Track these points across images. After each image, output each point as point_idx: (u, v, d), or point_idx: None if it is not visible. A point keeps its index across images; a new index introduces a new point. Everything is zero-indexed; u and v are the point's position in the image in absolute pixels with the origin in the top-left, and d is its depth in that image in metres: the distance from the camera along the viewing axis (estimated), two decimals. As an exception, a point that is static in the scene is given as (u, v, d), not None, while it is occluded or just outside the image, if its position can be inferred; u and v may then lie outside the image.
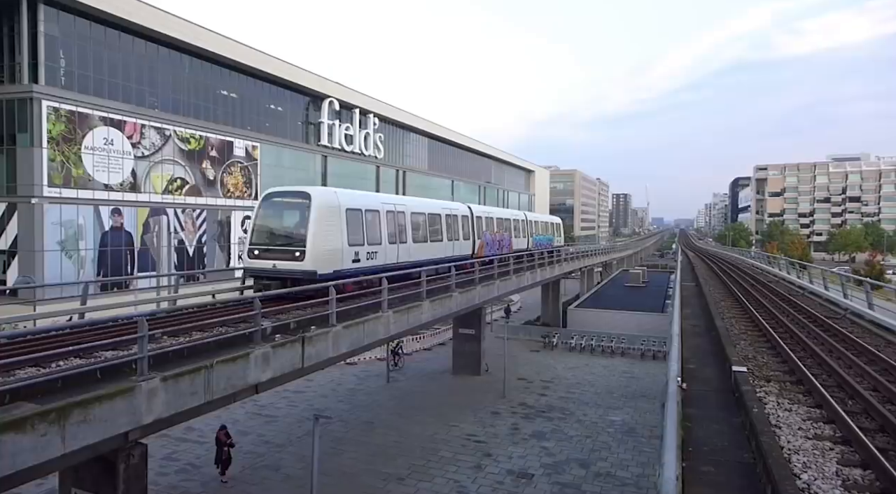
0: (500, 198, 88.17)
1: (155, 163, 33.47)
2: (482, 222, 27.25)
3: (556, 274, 38.93)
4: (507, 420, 22.68)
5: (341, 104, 49.24)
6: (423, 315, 17.89)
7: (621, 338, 36.89)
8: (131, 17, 31.53)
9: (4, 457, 6.67)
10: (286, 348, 11.80)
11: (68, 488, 9.57)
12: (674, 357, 9.74)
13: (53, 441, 7.26)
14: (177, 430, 18.63)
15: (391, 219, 19.01)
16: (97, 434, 7.93)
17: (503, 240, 29.91)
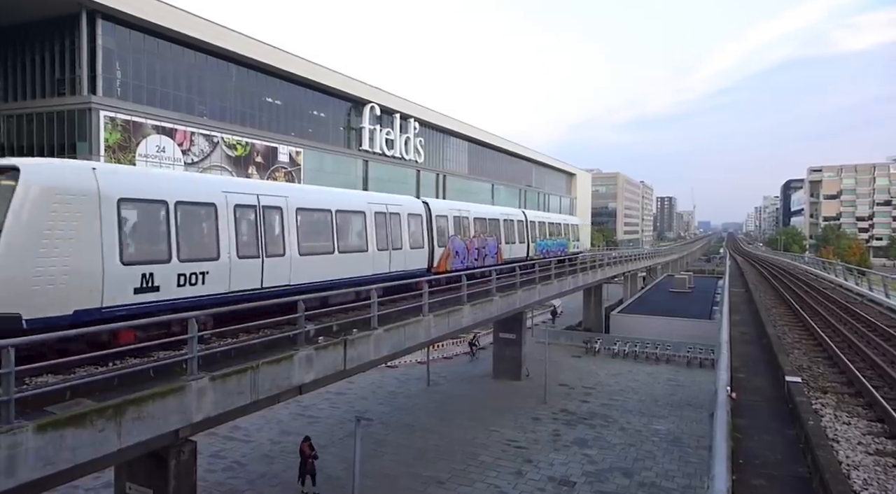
0: (540, 202, 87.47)
1: (203, 169, 34.58)
2: (446, 223, 20.56)
3: (598, 278, 38.29)
4: (549, 426, 22.41)
5: (382, 109, 49.82)
6: (463, 318, 17.87)
7: (666, 345, 35.96)
8: (182, 29, 32.73)
9: (66, 451, 6.99)
10: (329, 350, 11.97)
11: (123, 482, 9.94)
12: (723, 365, 9.45)
13: (110, 437, 7.56)
14: (224, 429, 19.16)
15: (246, 218, 12.16)
16: (150, 431, 8.21)
17: (485, 246, 23.44)
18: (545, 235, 30.99)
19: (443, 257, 20.00)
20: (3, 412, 6.49)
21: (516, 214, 27.99)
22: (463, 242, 21.64)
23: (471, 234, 22.36)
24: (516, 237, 26.99)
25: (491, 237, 24.19)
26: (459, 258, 21.14)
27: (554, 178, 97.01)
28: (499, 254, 24.82)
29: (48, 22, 29.65)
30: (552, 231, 32.40)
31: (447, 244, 20.37)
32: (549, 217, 33.72)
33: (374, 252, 16.19)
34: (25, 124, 31.04)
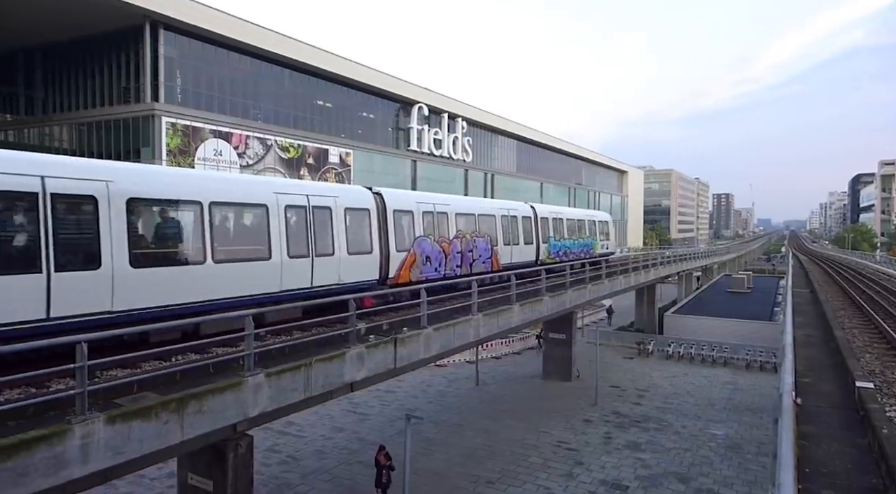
0: (590, 201, 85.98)
1: (258, 171, 35.65)
2: (411, 221, 16.36)
3: (651, 278, 37.30)
4: (600, 429, 21.99)
5: (430, 109, 50.09)
6: (512, 318, 17.75)
7: (723, 347, 34.67)
8: (238, 37, 33.84)
9: (134, 441, 7.34)
10: (379, 349, 12.12)
11: (185, 473, 10.35)
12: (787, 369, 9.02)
13: (174, 429, 7.89)
14: (278, 424, 19.67)
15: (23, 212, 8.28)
16: (210, 424, 8.52)
17: (473, 249, 19.26)
18: (562, 234, 26.36)
19: (404, 264, 15.66)
20: (78, 403, 6.86)
21: (520, 209, 23.22)
22: (437, 244, 17.30)
23: (450, 234, 18.08)
24: (521, 237, 22.63)
25: (483, 237, 19.88)
26: (432, 265, 16.88)
27: (604, 176, 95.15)
28: (494, 259, 20.36)
29: (115, 34, 31.22)
30: (572, 229, 27.58)
31: (411, 247, 16.04)
32: (567, 212, 28.46)
33: (282, 260, 11.88)
34: (95, 131, 32.82)
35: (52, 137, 35.43)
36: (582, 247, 28.55)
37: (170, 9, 30.13)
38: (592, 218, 31.17)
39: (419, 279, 15.99)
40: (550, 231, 25.11)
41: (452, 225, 18.35)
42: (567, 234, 26.87)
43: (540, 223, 24.27)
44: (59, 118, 34.54)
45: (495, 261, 20.53)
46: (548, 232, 24.87)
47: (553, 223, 25.53)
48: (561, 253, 25.98)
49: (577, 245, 27.99)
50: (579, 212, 30.64)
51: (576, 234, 27.93)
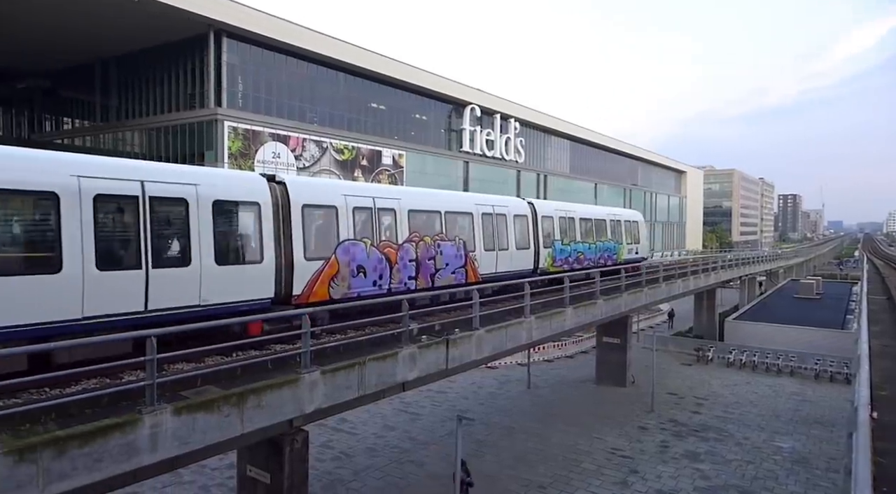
0: (646, 202, 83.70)
1: (314, 173, 36.53)
2: (328, 220, 12.87)
3: (710, 282, 35.98)
4: (656, 437, 21.35)
5: (482, 110, 50.01)
6: (566, 321, 17.51)
7: (790, 356, 33.00)
8: (296, 42, 34.76)
9: (197, 432, 7.65)
10: (431, 349, 12.19)
11: (244, 464, 10.72)
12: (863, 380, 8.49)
13: (234, 422, 8.18)
14: (332, 421, 20.10)
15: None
16: (268, 419, 8.79)
17: (437, 256, 15.46)
18: (573, 236, 22.51)
19: (320, 277, 12.24)
20: (147, 394, 7.21)
21: (511, 206, 19.20)
22: (378, 250, 13.68)
23: (399, 237, 14.34)
24: (511, 240, 18.69)
25: (452, 241, 16.01)
26: (367, 277, 13.37)
27: (661, 176, 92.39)
28: (469, 268, 16.60)
29: (182, 43, 32.66)
30: (587, 230, 23.65)
31: (332, 254, 12.58)
32: (581, 210, 24.32)
33: (86, 275, 8.49)
34: (163, 136, 34.46)
35: (125, 142, 37.43)
36: (601, 252, 24.61)
37: (232, 17, 31.29)
38: (616, 217, 26.99)
39: (346, 295, 12.67)
40: (556, 232, 21.38)
41: (403, 225, 14.44)
42: (581, 237, 23.02)
43: (541, 223, 20.44)
44: (131, 124, 36.46)
45: (471, 271, 16.63)
46: (552, 233, 21.14)
47: (560, 223, 21.67)
48: (571, 259, 22.21)
49: (595, 249, 24.15)
50: (599, 210, 26.71)
51: (592, 237, 24.07)
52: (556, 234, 21.38)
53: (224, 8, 30.82)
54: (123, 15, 28.87)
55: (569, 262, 22.05)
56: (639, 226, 29.15)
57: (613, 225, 26.23)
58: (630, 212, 30.04)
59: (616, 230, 26.42)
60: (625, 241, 27.07)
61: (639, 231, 28.99)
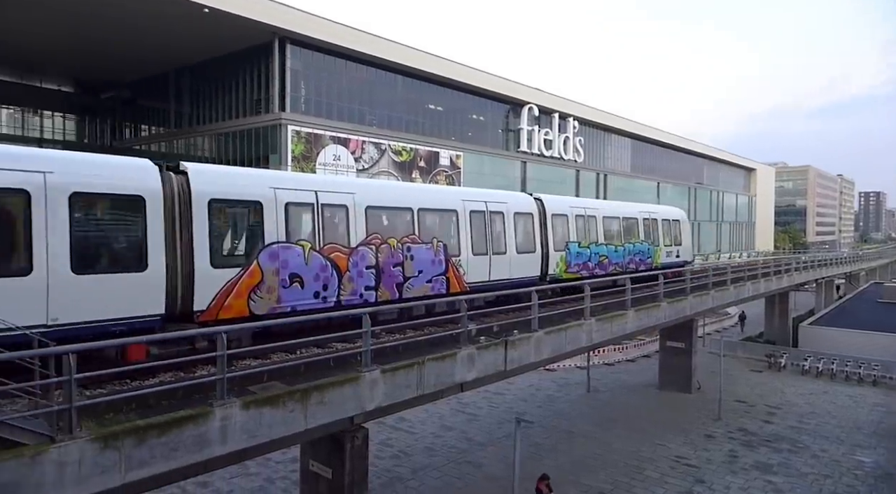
0: (713, 201, 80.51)
1: (373, 175, 37.18)
2: (248, 218, 11.00)
3: (783, 285, 34.15)
4: (724, 446, 20.44)
5: (540, 109, 49.49)
6: (627, 324, 17.05)
7: (873, 364, 30.86)
8: (356, 47, 35.49)
9: (264, 427, 7.92)
10: (490, 350, 12.15)
11: (307, 459, 11.02)
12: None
13: (298, 418, 8.41)
14: (391, 419, 20.37)
15: None
16: (330, 415, 8.99)
17: (407, 261, 13.29)
18: (594, 237, 20.05)
19: (234, 288, 10.10)
20: (218, 388, 7.52)
21: (512, 202, 16.77)
22: (321, 255, 11.52)
23: (353, 239, 12.13)
24: (510, 242, 16.15)
25: (427, 244, 13.70)
26: (305, 287, 11.16)
27: (729, 174, 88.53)
28: (451, 275, 14.25)
29: (248, 51, 33.99)
30: (612, 231, 21.18)
31: (253, 261, 10.47)
32: (605, 207, 22.05)
33: None
34: (231, 140, 36.00)
35: (196, 147, 39.35)
36: (630, 256, 22.04)
37: (296, 25, 32.29)
38: (652, 215, 24.08)
39: (275, 310, 10.48)
40: (571, 233, 18.90)
41: (358, 224, 12.25)
42: (604, 238, 20.61)
43: (551, 222, 18.00)
44: (202, 130, 38.28)
45: (454, 280, 14.30)
46: (565, 234, 18.72)
47: (577, 222, 19.25)
48: (591, 264, 19.74)
49: (623, 253, 21.61)
50: (628, 208, 23.89)
51: (620, 238, 21.62)
52: (571, 235, 18.90)
53: (288, 16, 31.85)
54: (196, 27, 30.34)
55: (588, 268, 19.56)
56: (680, 226, 26.12)
57: (648, 224, 23.53)
58: (669, 210, 27.04)
59: (651, 230, 23.67)
60: (662, 243, 24.30)
61: (680, 231, 26.01)
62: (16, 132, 44.51)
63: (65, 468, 6.10)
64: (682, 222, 26.38)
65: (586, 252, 19.54)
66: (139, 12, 28.53)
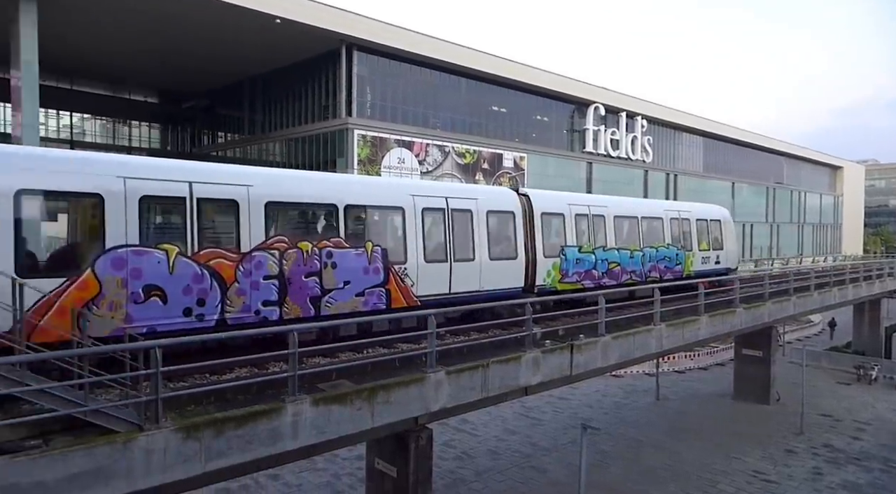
0: (793, 202, 76.00)
1: (436, 177, 37.48)
2: (113, 214, 8.59)
3: (874, 292, 31.74)
4: (807, 462, 19.21)
5: (607, 109, 48.35)
6: (700, 330, 16.35)
7: (979, 379, 28.14)
8: (420, 51, 35.90)
9: (332, 423, 8.13)
10: (555, 354, 11.96)
11: (373, 457, 11.21)
12: None
13: (365, 416, 8.58)
14: (454, 421, 20.42)
15: None
16: (395, 415, 9.11)
17: (327, 270, 10.81)
18: (601, 240, 16.98)
19: (56, 304, 7.92)
20: (290, 385, 7.79)
21: (483, 199, 14.06)
22: (191, 263, 9.22)
23: (243, 243, 9.78)
24: (480, 246, 13.47)
25: (355, 249, 11.19)
26: (175, 302, 8.98)
27: (812, 173, 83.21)
28: (393, 286, 11.73)
29: (317, 59, 35.09)
30: (627, 231, 18.19)
31: (87, 269, 8.29)
32: (615, 204, 18.42)
33: None
34: (301, 145, 37.27)
35: (268, 152, 40.99)
36: (652, 263, 18.72)
37: (363, 31, 33.06)
38: (684, 214, 20.53)
39: (122, 331, 8.15)
40: (569, 235, 15.94)
41: (254, 224, 9.91)
42: (615, 241, 17.46)
43: (540, 222, 15.10)
44: (274, 136, 39.85)
45: (398, 292, 11.79)
46: (562, 237, 15.82)
47: (576, 223, 16.21)
48: (598, 272, 16.70)
49: (640, 259, 18.26)
50: (650, 205, 21.42)
51: (638, 241, 18.37)
52: (569, 238, 15.95)
53: (355, 23, 32.66)
54: (268, 37, 31.63)
55: (593, 277, 16.54)
56: (721, 227, 22.29)
57: (677, 225, 20.00)
58: (706, 208, 23.33)
59: (680, 232, 20.15)
60: (696, 247, 20.73)
61: (722, 233, 22.22)
62: (107, 141, 47.92)
63: (152, 455, 6.49)
64: (725, 222, 22.69)
65: (589, 258, 16.46)
66: (218, 27, 30.06)
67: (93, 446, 6.14)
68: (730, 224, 23.04)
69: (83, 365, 6.62)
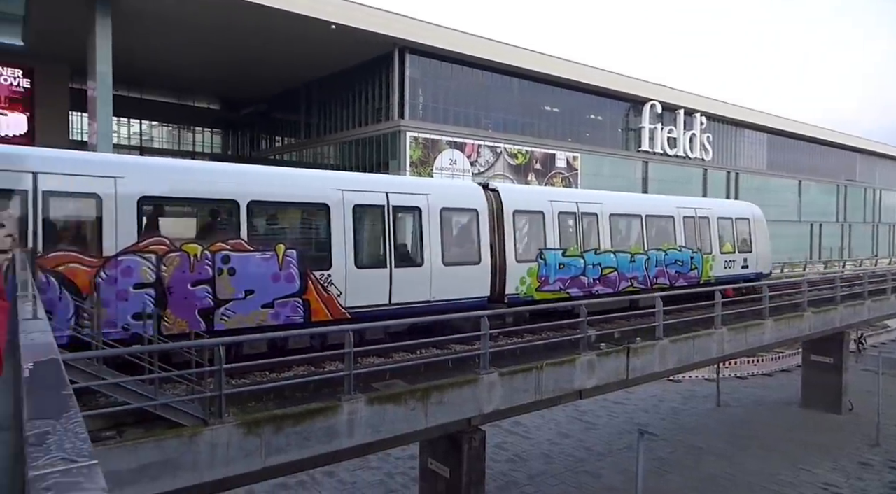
0: (868, 200, 71.66)
1: (488, 178, 37.41)
2: None
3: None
4: (883, 476, 18.04)
5: (664, 106, 47.02)
6: (764, 335, 15.66)
7: None
8: (471, 52, 35.96)
9: (387, 423, 8.23)
10: (611, 357, 11.72)
11: (426, 457, 11.28)
12: None
13: (419, 416, 8.65)
14: (506, 423, 20.28)
15: None
16: (449, 415, 9.14)
17: (237, 274, 9.19)
18: (595, 242, 14.75)
19: None
20: (346, 384, 7.94)
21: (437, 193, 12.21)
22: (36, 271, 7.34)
23: (106, 246, 8.34)
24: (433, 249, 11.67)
25: (261, 253, 9.54)
26: None
27: (889, 169, 78.15)
28: (312, 296, 10.03)
29: (370, 63, 35.71)
30: (625, 231, 15.91)
31: None
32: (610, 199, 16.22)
33: None
34: (354, 148, 38.00)
35: (322, 155, 42.01)
36: (660, 267, 16.25)
37: (416, 35, 33.40)
38: (699, 211, 17.85)
39: None
40: (550, 236, 13.67)
41: (125, 222, 8.40)
42: (610, 242, 14.98)
43: (510, 221, 13.05)
44: (328, 139, 40.80)
45: (319, 303, 10.03)
46: (540, 238, 13.61)
47: (559, 222, 13.92)
48: (588, 279, 14.32)
49: (643, 263, 15.76)
50: (658, 202, 18.70)
51: (642, 242, 15.90)
52: (549, 239, 13.63)
53: (408, 26, 33.04)
54: (324, 43, 32.43)
55: (581, 284, 14.13)
56: (751, 226, 19.58)
57: (693, 224, 17.37)
58: (731, 205, 21.26)
59: (699, 232, 17.52)
60: (717, 249, 18.09)
61: (751, 233, 19.48)
62: (172, 147, 50.32)
63: (216, 449, 6.75)
64: (755, 221, 19.85)
65: (576, 262, 14.03)
66: (276, 36, 31.05)
67: (162, 438, 6.45)
68: (761, 223, 20.31)
69: (153, 361, 6.96)
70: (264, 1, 27.03)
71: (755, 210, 20.55)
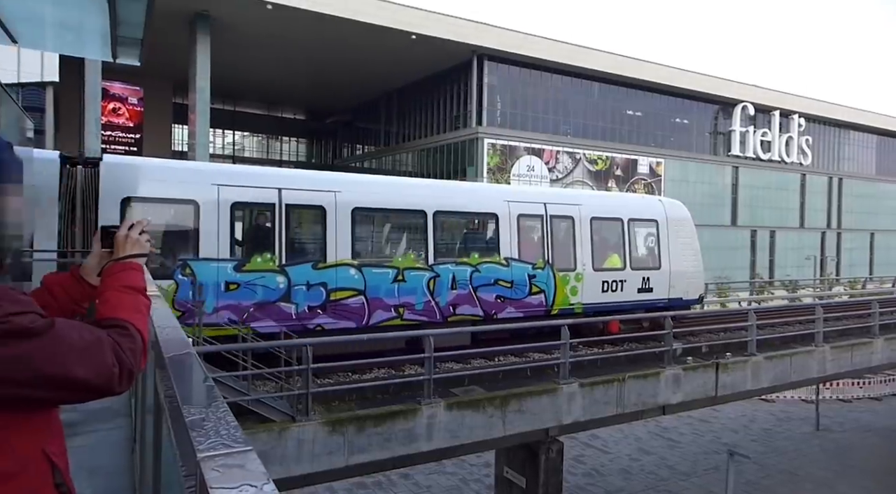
0: None
1: (567, 185, 36.78)
2: None
3: None
4: None
5: (756, 108, 44.40)
6: (873, 355, 14.38)
7: None
8: (549, 56, 35.54)
9: (465, 428, 8.25)
10: (698, 373, 11.16)
11: (502, 466, 11.21)
12: None
13: (497, 424, 8.60)
14: (583, 435, 19.76)
15: None
16: (527, 424, 9.04)
17: None
18: (332, 248, 9.53)
19: None
20: (425, 388, 8.04)
21: None
22: None
23: None
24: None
25: None
26: None
27: None
28: None
29: (448, 71, 36.15)
30: (415, 236, 10.81)
31: None
32: (380, 186, 11.67)
33: None
34: (432, 155, 38.55)
35: (401, 162, 42.92)
36: (459, 288, 10.70)
37: (494, 42, 33.49)
38: (557, 207, 12.26)
39: None
40: (205, 240, 8.66)
41: None
42: (348, 251, 9.79)
43: None
44: (406, 146, 41.65)
45: None
46: (186, 242, 8.77)
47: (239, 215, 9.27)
48: (293, 307, 9.12)
49: (426, 283, 10.40)
50: (454, 191, 12.84)
51: (423, 251, 10.64)
52: (204, 244, 8.67)
53: (486, 34, 33.19)
54: (404, 53, 33.19)
55: (279, 314, 9.02)
56: (660, 231, 13.45)
57: (539, 226, 12.02)
58: (625, 199, 17.32)
59: (550, 239, 12.01)
60: (587, 264, 12.33)
61: (660, 241, 13.40)
62: (262, 155, 53.17)
63: (303, 445, 7.03)
64: (669, 224, 13.63)
65: (271, 281, 9.00)
66: (358, 47, 32.12)
67: (254, 432, 6.79)
68: (681, 227, 13.87)
69: (247, 358, 7.36)
70: (348, 15, 28.07)
71: (673, 209, 14.23)
